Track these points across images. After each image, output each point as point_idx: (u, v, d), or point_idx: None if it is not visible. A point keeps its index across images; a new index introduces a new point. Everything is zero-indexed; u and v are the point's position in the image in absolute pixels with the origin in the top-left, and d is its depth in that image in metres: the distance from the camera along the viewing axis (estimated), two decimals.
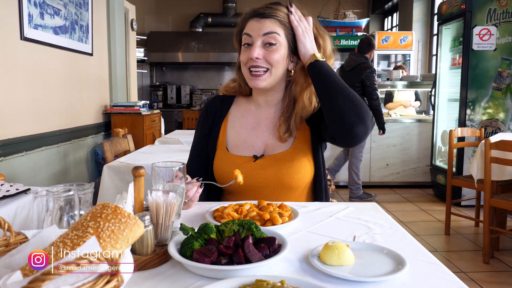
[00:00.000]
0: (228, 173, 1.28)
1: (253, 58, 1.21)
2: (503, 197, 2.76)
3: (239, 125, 1.37)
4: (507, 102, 4.05)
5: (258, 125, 1.35)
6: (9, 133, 2.83)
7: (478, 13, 4.03)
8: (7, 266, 0.66)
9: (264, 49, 1.23)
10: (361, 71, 4.09)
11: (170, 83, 8.01)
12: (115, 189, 2.25)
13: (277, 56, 1.23)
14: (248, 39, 1.25)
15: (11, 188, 1.37)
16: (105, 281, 0.53)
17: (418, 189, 4.97)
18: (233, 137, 1.36)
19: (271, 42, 1.22)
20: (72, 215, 0.80)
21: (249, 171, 1.27)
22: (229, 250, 0.77)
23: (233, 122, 1.38)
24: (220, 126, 1.38)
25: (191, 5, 8.03)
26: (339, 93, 1.15)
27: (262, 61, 1.23)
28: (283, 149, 1.31)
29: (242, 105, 1.40)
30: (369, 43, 4.29)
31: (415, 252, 0.87)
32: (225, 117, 1.39)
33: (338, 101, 1.15)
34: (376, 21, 8.52)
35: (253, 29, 1.24)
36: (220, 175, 1.32)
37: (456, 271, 2.69)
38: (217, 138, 1.37)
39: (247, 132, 1.35)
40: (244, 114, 1.38)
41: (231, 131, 1.37)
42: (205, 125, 1.41)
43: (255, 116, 1.37)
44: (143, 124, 4.49)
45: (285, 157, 1.29)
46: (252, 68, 1.23)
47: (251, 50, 1.22)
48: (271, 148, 1.32)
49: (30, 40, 3.02)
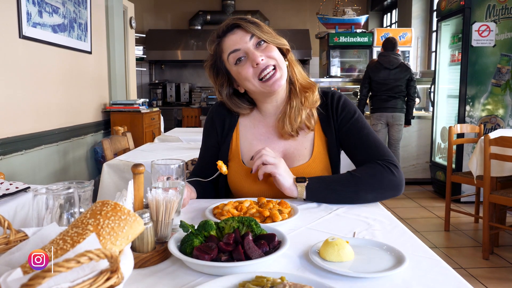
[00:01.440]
0: (246, 188, 1.26)
1: (259, 63, 1.16)
2: (502, 193, 2.77)
3: (251, 136, 1.31)
4: (507, 98, 4.06)
5: (271, 134, 1.30)
6: (8, 131, 2.83)
7: (477, 9, 4.02)
8: (7, 264, 0.66)
9: (258, 50, 1.18)
10: (407, 68, 4.43)
11: (169, 81, 8.00)
12: (115, 187, 2.26)
13: (274, 50, 1.20)
14: (239, 53, 1.19)
15: (11, 187, 1.37)
16: (105, 278, 0.53)
17: (418, 186, 4.97)
18: (247, 149, 1.30)
19: (260, 42, 1.19)
20: (72, 213, 0.80)
21: (264, 188, 1.24)
22: (229, 247, 0.77)
23: (245, 132, 1.32)
24: (232, 135, 1.32)
25: (190, 2, 8.01)
26: (351, 198, 1.15)
27: (266, 60, 1.18)
28: (303, 161, 1.27)
29: (251, 114, 1.34)
30: (396, 41, 4.58)
31: (414, 248, 0.87)
32: (235, 126, 1.33)
33: (363, 197, 1.15)
34: (375, 18, 8.50)
35: (235, 43, 1.19)
36: (238, 189, 1.29)
37: (455, 267, 2.69)
38: (229, 149, 1.32)
39: (261, 144, 1.29)
40: (255, 124, 1.33)
41: (244, 142, 1.31)
42: (212, 136, 1.36)
43: (266, 126, 1.32)
44: (142, 122, 4.48)
45: (306, 169, 1.25)
46: (264, 72, 1.17)
47: (252, 56, 1.17)
48: (290, 159, 1.27)
49: (28, 39, 3.02)
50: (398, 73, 4.40)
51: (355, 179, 1.14)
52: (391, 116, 4.48)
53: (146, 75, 8.02)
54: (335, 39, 6.51)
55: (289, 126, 1.24)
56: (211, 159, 1.33)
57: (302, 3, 7.94)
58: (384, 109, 4.48)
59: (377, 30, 6.54)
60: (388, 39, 4.57)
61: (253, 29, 1.19)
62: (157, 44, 7.39)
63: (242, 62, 1.19)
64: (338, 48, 6.67)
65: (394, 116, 4.46)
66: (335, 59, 6.77)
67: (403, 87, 4.41)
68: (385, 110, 4.48)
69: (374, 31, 6.54)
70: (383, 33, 6.48)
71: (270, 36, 1.21)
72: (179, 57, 7.45)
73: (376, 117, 4.56)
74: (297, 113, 1.24)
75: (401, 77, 4.39)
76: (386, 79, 4.42)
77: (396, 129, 4.52)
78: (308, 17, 7.86)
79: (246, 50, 1.18)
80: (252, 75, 1.18)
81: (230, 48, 1.20)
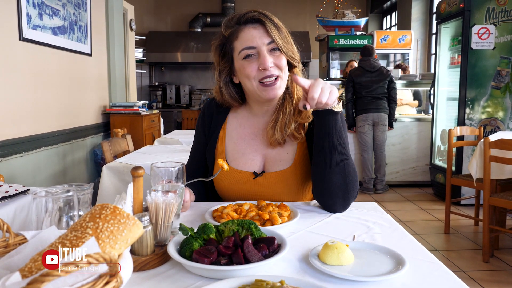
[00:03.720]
0: (229, 189, 1.26)
1: (267, 69, 1.14)
2: (502, 196, 2.76)
3: (236, 136, 1.30)
4: (506, 101, 4.06)
5: (256, 136, 1.29)
6: (8, 133, 2.83)
7: (477, 12, 4.03)
8: (6, 268, 0.66)
9: (271, 55, 1.16)
10: (386, 71, 4.69)
11: (169, 83, 8.01)
12: (114, 190, 2.25)
13: (283, 61, 1.18)
14: (252, 51, 1.16)
15: (10, 189, 1.36)
16: (105, 281, 0.53)
17: (418, 188, 4.97)
18: (231, 148, 1.29)
19: (276, 48, 1.17)
20: (71, 216, 0.80)
21: (249, 188, 1.24)
22: (228, 250, 0.77)
23: (230, 131, 1.31)
24: (218, 134, 1.31)
25: (190, 5, 8.03)
26: (339, 161, 1.11)
27: (274, 68, 1.16)
28: (284, 166, 1.24)
29: (239, 112, 1.33)
30: (373, 48, 4.88)
31: (414, 251, 0.86)
32: (222, 124, 1.32)
33: (334, 177, 1.10)
34: (375, 20, 8.52)
35: (253, 39, 1.16)
36: (222, 190, 1.29)
37: (455, 270, 2.69)
38: (215, 148, 1.31)
39: (245, 144, 1.28)
40: (241, 123, 1.31)
41: (229, 142, 1.30)
42: (202, 132, 1.36)
43: (252, 126, 1.30)
44: (142, 124, 4.48)
45: (286, 175, 1.23)
46: (266, 78, 1.16)
47: (263, 60, 1.14)
48: (271, 163, 1.25)
49: (28, 41, 3.02)
50: (379, 75, 4.66)
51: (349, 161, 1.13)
52: (376, 116, 4.66)
53: (146, 77, 8.03)
54: (334, 42, 6.52)
55: (279, 134, 1.22)
56: (201, 155, 1.35)
57: (302, 5, 7.95)
58: (369, 110, 4.67)
59: (377, 32, 6.55)
60: (366, 47, 4.90)
61: (274, 34, 1.16)
62: (157, 46, 7.40)
63: (251, 59, 1.17)
64: (338, 50, 6.69)
65: (379, 116, 4.66)
66: (334, 62, 6.78)
67: (385, 89, 4.67)
68: (370, 111, 4.67)
69: (373, 33, 6.55)
70: (382, 35, 6.50)
71: (286, 45, 1.19)
72: (179, 59, 7.46)
73: (362, 118, 4.71)
74: (289, 121, 1.22)
75: (382, 79, 4.65)
76: (369, 81, 4.65)
77: (381, 130, 4.70)
78: (308, 19, 7.87)
79: (259, 51, 1.16)
80: (255, 75, 1.16)
81: (246, 43, 1.17)
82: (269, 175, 1.24)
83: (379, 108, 4.65)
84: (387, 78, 4.64)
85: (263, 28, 1.17)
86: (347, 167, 1.12)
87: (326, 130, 1.11)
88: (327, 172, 1.11)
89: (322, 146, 1.12)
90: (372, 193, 4.78)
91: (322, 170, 1.12)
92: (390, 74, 4.69)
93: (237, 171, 1.25)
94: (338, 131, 1.11)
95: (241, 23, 1.18)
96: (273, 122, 1.24)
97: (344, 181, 1.11)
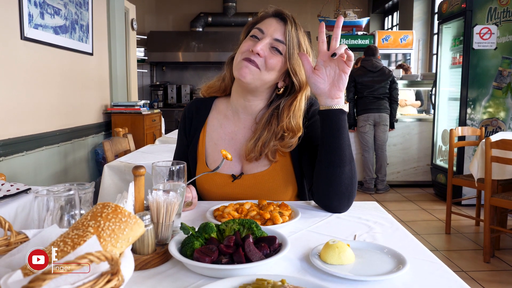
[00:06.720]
0: (209, 192, 1.26)
1: (254, 52, 1.13)
2: (503, 196, 2.76)
3: (217, 137, 1.29)
4: (508, 101, 4.05)
5: (236, 134, 1.28)
6: (9, 132, 2.83)
7: (479, 12, 4.03)
8: (7, 266, 0.66)
9: (268, 50, 1.16)
10: (388, 71, 4.70)
11: (171, 83, 8.01)
12: (116, 189, 2.26)
13: (276, 63, 1.15)
14: (258, 33, 1.17)
15: (12, 188, 1.37)
16: (106, 280, 0.53)
17: (419, 188, 4.97)
18: (211, 150, 1.28)
19: (278, 49, 1.16)
20: (73, 215, 0.80)
21: (229, 191, 1.24)
22: (229, 250, 0.77)
23: (211, 133, 1.30)
24: (199, 136, 1.30)
25: (191, 4, 8.03)
26: (348, 161, 1.10)
27: (259, 58, 1.14)
28: (263, 168, 1.23)
29: (221, 111, 1.31)
30: (376, 48, 4.90)
31: (415, 251, 0.86)
32: (203, 125, 1.31)
33: (343, 177, 1.09)
34: (377, 20, 8.52)
35: (268, 27, 1.17)
36: (203, 193, 1.28)
37: (456, 270, 2.69)
38: (197, 150, 1.30)
39: (225, 145, 1.27)
40: (222, 123, 1.30)
41: (209, 143, 1.29)
42: (183, 134, 1.35)
43: (232, 125, 1.29)
44: (143, 123, 4.49)
45: (265, 177, 1.22)
46: (248, 57, 1.14)
47: (257, 43, 1.14)
48: (249, 165, 1.24)
49: (30, 40, 3.02)
50: (381, 75, 4.67)
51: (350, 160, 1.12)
52: (378, 116, 4.67)
53: (147, 77, 8.03)
54: None
55: (258, 151, 1.20)
56: (183, 156, 1.34)
57: (303, 5, 7.94)
58: (370, 110, 4.67)
59: (378, 32, 6.54)
60: (369, 46, 4.90)
61: (290, 40, 1.16)
62: (159, 45, 7.40)
63: (253, 40, 1.17)
64: None
65: (381, 116, 4.66)
66: None
67: (387, 89, 4.68)
68: (371, 111, 4.67)
69: (375, 33, 6.54)
70: (384, 35, 6.49)
71: (291, 57, 1.17)
72: (180, 58, 7.46)
73: (363, 118, 4.72)
74: (270, 141, 1.20)
75: (384, 79, 4.65)
76: (370, 81, 4.64)
77: (382, 130, 4.70)
78: (309, 19, 7.86)
79: (262, 39, 1.15)
80: (243, 51, 1.16)
81: (261, 25, 1.18)
82: (247, 177, 1.24)
83: (380, 108, 4.65)
84: (389, 78, 4.65)
85: (283, 27, 1.17)
86: (354, 166, 1.12)
87: (339, 129, 1.10)
88: (338, 173, 1.10)
89: (335, 146, 1.10)
90: (373, 193, 4.78)
91: (333, 171, 1.10)
92: (392, 74, 4.69)
93: (217, 174, 1.24)
94: (347, 130, 1.12)
95: (274, 15, 1.20)
96: (255, 138, 1.22)
97: (351, 181, 1.11)
